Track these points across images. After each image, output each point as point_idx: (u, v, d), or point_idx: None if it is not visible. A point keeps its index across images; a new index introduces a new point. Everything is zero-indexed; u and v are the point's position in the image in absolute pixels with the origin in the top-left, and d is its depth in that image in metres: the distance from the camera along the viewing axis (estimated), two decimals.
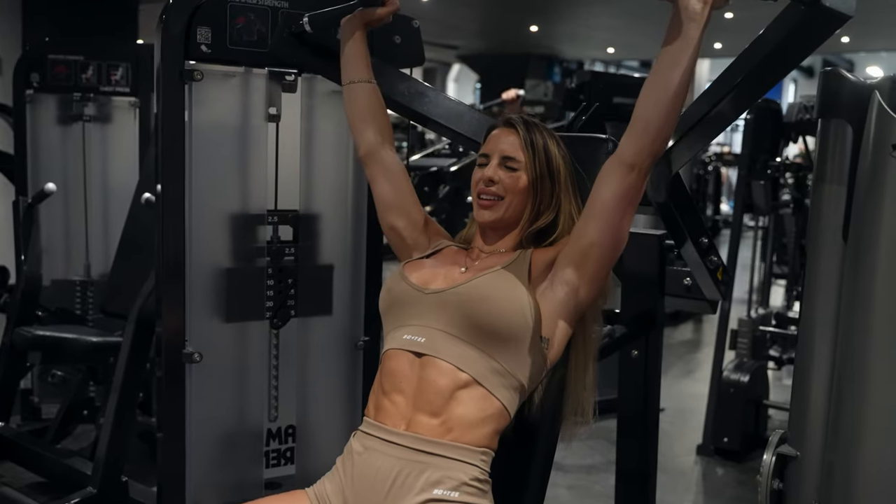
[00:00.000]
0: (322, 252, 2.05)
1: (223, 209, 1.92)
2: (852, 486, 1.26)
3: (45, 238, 3.42)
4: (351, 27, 1.70)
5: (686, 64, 1.32)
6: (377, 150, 1.70)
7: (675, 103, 1.34)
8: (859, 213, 1.24)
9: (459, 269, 1.52)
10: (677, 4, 1.31)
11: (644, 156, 1.37)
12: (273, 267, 1.97)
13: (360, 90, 1.71)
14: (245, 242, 1.95)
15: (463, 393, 1.39)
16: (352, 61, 1.72)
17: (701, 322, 6.85)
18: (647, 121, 1.35)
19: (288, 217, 1.98)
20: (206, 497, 1.95)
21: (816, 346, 1.34)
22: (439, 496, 1.34)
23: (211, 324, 1.91)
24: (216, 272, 1.91)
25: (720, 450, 3.74)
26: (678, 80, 1.32)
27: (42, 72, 3.57)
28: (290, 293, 1.99)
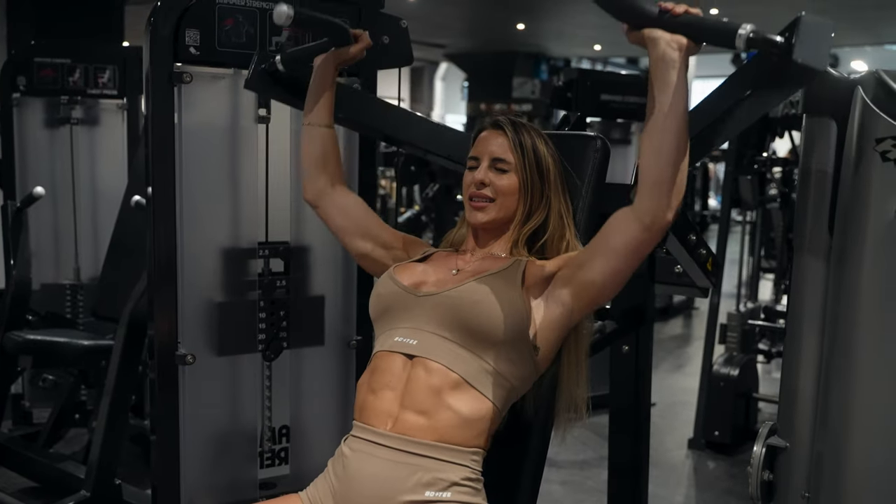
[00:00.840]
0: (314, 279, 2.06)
1: (213, 211, 1.92)
2: (841, 476, 1.28)
3: (35, 242, 3.40)
4: (323, 66, 1.67)
5: (677, 108, 1.28)
6: (326, 194, 1.69)
7: (679, 151, 1.29)
8: (844, 207, 1.25)
9: (451, 272, 1.52)
10: (654, 54, 1.29)
11: (662, 214, 1.31)
12: (265, 300, 1.97)
13: (319, 135, 1.68)
14: (235, 242, 1.95)
15: (454, 394, 1.39)
16: (317, 103, 1.68)
17: (691, 317, 6.89)
18: (656, 177, 1.30)
19: (279, 249, 2.01)
20: (200, 498, 1.95)
21: (804, 338, 1.36)
22: (431, 498, 1.34)
23: (203, 325, 1.91)
24: (207, 273, 1.92)
25: (711, 443, 3.77)
26: (674, 127, 1.28)
27: (28, 75, 3.55)
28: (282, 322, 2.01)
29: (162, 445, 1.89)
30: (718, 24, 1.24)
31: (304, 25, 1.65)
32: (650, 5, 1.28)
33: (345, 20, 1.79)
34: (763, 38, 1.18)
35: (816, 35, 1.17)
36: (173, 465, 1.90)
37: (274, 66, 1.70)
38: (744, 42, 1.18)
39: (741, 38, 1.18)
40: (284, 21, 1.53)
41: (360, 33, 1.67)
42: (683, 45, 1.27)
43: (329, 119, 1.69)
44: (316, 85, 1.68)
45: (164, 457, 1.90)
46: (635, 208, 1.34)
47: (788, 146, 4.93)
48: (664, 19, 1.27)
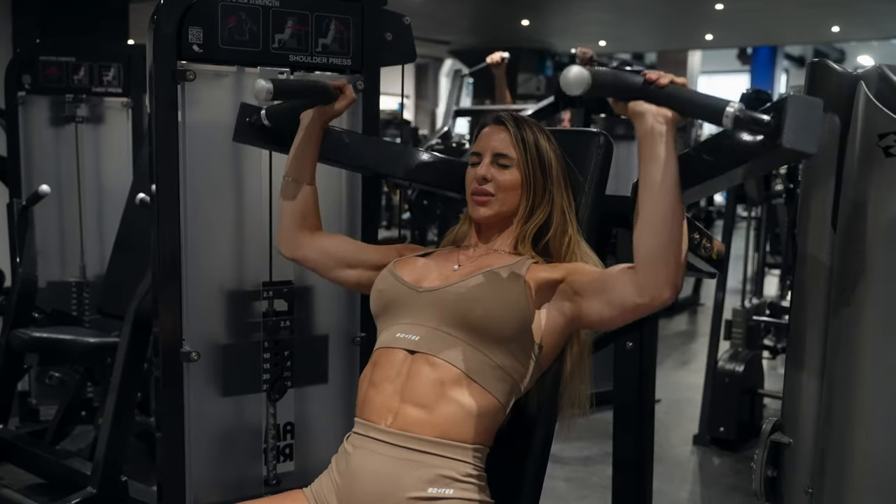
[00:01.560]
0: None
1: (218, 208, 1.93)
2: (845, 473, 1.27)
3: (40, 240, 3.42)
4: (310, 126, 1.67)
5: (667, 182, 1.25)
6: (304, 245, 1.69)
7: (673, 225, 1.26)
8: (847, 203, 1.25)
9: (453, 267, 1.52)
10: (640, 128, 1.26)
11: (659, 292, 1.28)
12: (267, 333, 1.98)
13: (301, 191, 1.68)
14: (240, 237, 1.96)
15: (456, 389, 1.39)
16: (301, 161, 1.68)
17: (696, 313, 6.88)
18: (651, 253, 1.27)
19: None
20: (206, 495, 1.96)
21: (808, 334, 1.35)
22: (434, 494, 1.34)
23: (208, 322, 1.92)
24: (212, 270, 1.92)
25: (716, 439, 3.77)
26: (666, 200, 1.25)
27: (34, 73, 3.57)
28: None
29: (167, 442, 1.90)
30: (705, 99, 1.21)
31: (286, 96, 1.65)
32: (634, 76, 1.26)
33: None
34: (750, 119, 1.15)
35: (805, 116, 1.14)
36: (178, 461, 1.90)
37: (259, 120, 1.70)
38: (731, 121, 1.15)
39: (728, 118, 1.15)
40: (265, 97, 1.55)
41: (342, 85, 1.67)
42: (670, 119, 1.24)
43: (312, 176, 1.69)
44: (301, 141, 1.67)
45: (170, 453, 1.90)
46: (635, 278, 1.31)
47: None
48: (649, 91, 1.25)
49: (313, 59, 1.94)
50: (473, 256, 1.55)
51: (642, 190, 1.28)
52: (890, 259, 1.21)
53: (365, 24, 1.99)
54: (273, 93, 1.55)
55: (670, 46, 15.91)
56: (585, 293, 1.40)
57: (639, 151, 1.28)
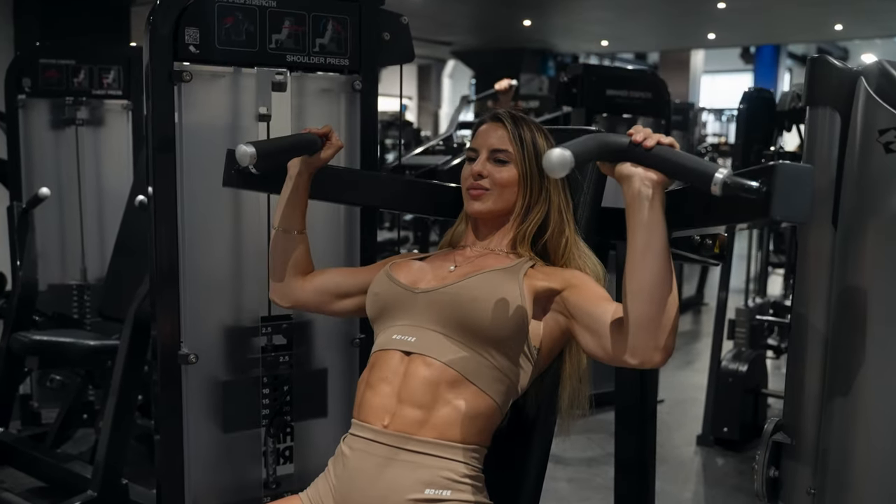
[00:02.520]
0: None
1: (215, 210, 1.92)
2: (847, 473, 1.26)
3: (41, 243, 3.42)
4: (297, 177, 1.65)
5: (656, 246, 1.22)
6: (298, 291, 1.68)
7: (662, 289, 1.22)
8: (848, 200, 1.24)
9: (449, 268, 1.51)
10: (628, 192, 1.24)
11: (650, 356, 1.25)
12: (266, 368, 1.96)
13: (292, 241, 1.67)
14: (237, 240, 1.95)
15: (453, 390, 1.38)
16: (291, 212, 1.67)
17: (700, 312, 6.86)
18: (640, 319, 1.23)
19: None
20: (205, 497, 1.95)
21: (809, 333, 1.34)
22: (431, 496, 1.33)
23: (206, 324, 1.91)
24: (210, 271, 1.92)
25: (720, 440, 3.75)
26: (654, 265, 1.22)
27: (33, 76, 3.58)
28: None
29: (166, 445, 1.89)
30: (694, 164, 1.18)
31: (271, 157, 1.62)
32: (620, 138, 1.23)
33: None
34: (739, 185, 1.11)
35: (795, 185, 1.11)
36: (177, 464, 1.89)
37: (247, 168, 1.65)
38: (719, 188, 1.12)
39: (717, 184, 1.12)
40: (249, 161, 1.54)
41: (328, 132, 1.65)
42: (657, 182, 1.21)
43: (303, 225, 1.68)
44: (290, 194, 1.66)
45: (168, 456, 1.89)
46: (626, 339, 1.26)
47: (797, 140, 4.89)
48: (635, 152, 1.22)
49: (311, 59, 1.93)
50: (471, 257, 1.54)
51: (629, 256, 1.24)
52: (891, 256, 1.20)
53: (363, 24, 1.98)
54: (256, 157, 1.54)
55: (672, 46, 15.90)
56: (579, 320, 1.38)
57: (626, 216, 1.25)
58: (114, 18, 5.81)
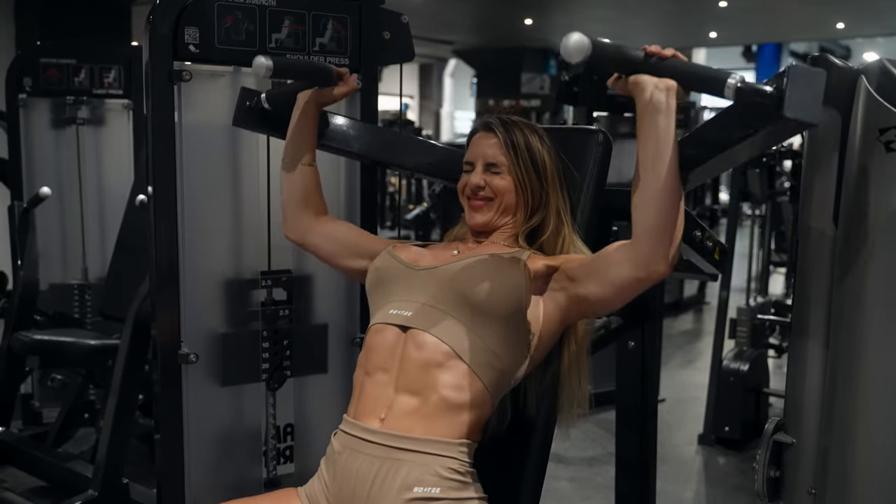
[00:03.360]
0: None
1: (215, 209, 1.92)
2: (847, 473, 1.26)
3: (42, 242, 3.41)
4: (305, 107, 1.66)
5: (667, 154, 1.25)
6: (310, 229, 1.68)
7: (671, 199, 1.26)
8: (848, 199, 1.23)
9: (452, 252, 1.52)
10: (641, 100, 1.26)
11: (656, 265, 1.28)
12: (266, 322, 1.97)
13: (301, 173, 1.68)
14: (238, 241, 1.95)
15: (444, 370, 1.37)
16: (298, 141, 1.68)
17: (701, 311, 6.86)
18: (648, 225, 1.27)
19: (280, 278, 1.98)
20: (205, 497, 1.95)
21: (810, 332, 1.34)
22: (420, 494, 1.32)
23: (206, 325, 1.91)
24: (210, 270, 1.91)
25: (721, 439, 3.75)
26: (665, 174, 1.25)
27: (34, 76, 3.57)
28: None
29: (166, 444, 1.89)
30: (707, 72, 1.21)
31: (285, 74, 1.63)
32: (636, 50, 1.25)
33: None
34: (752, 90, 1.15)
35: (807, 86, 1.13)
36: (178, 463, 1.89)
37: (259, 104, 1.69)
38: (732, 92, 1.15)
39: (730, 89, 1.15)
40: (264, 73, 1.54)
41: (345, 73, 1.66)
42: (672, 88, 1.24)
43: (312, 157, 1.69)
44: (298, 121, 1.67)
45: (169, 456, 1.89)
46: (631, 252, 1.31)
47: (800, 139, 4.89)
48: (651, 63, 1.24)
49: (310, 58, 1.93)
50: (473, 246, 1.55)
51: (641, 163, 1.28)
52: (892, 255, 1.20)
53: (362, 23, 1.98)
54: (273, 70, 1.53)
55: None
56: (581, 278, 1.40)
57: (638, 127, 1.27)
58: (115, 18, 5.80)
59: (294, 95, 1.69)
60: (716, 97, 1.20)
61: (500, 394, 1.45)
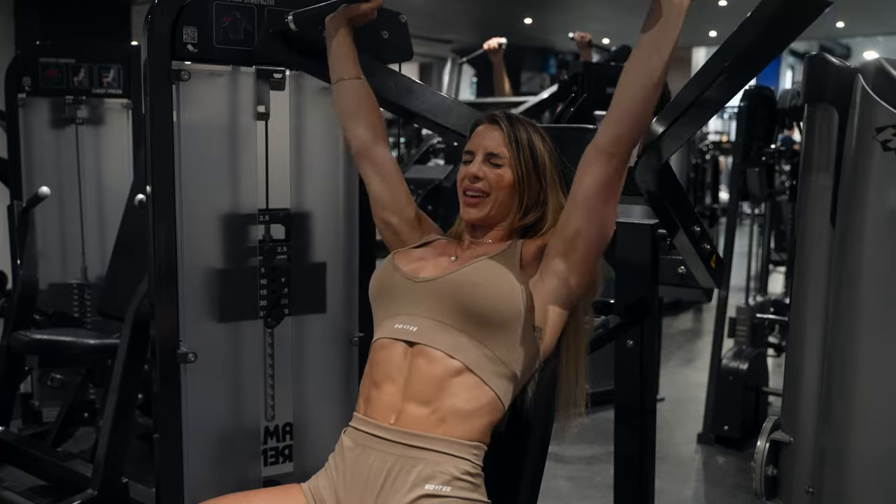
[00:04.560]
0: (315, 250, 2.05)
1: (214, 209, 1.92)
2: (845, 471, 1.26)
3: (41, 242, 3.42)
4: (335, 24, 1.69)
5: (667, 51, 1.31)
6: (369, 147, 1.69)
7: (655, 92, 1.34)
8: (846, 198, 1.24)
9: (449, 258, 1.52)
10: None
11: (622, 144, 1.37)
12: (266, 266, 1.97)
13: (349, 87, 1.70)
14: (236, 242, 1.95)
15: (455, 381, 1.38)
16: (339, 59, 1.71)
17: (700, 311, 6.85)
18: (626, 109, 1.35)
19: (279, 216, 1.98)
20: (204, 496, 1.95)
21: (807, 332, 1.34)
22: (431, 491, 1.33)
23: (205, 324, 1.91)
24: (209, 272, 1.91)
25: (721, 438, 3.75)
26: (660, 68, 1.32)
27: (33, 75, 3.57)
28: (283, 291, 1.99)
29: (165, 444, 1.89)
30: None
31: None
32: None
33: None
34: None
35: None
36: (176, 463, 1.90)
37: (286, 26, 1.71)
38: None
39: None
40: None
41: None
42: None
43: (356, 69, 1.71)
44: (333, 43, 1.70)
45: (168, 455, 1.89)
46: (597, 141, 1.38)
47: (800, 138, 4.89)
48: None
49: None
50: (468, 248, 1.56)
51: (638, 48, 1.33)
52: (889, 253, 1.20)
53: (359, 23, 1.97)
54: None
55: None
56: (567, 215, 1.43)
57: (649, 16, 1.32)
58: (114, 17, 5.81)
59: (320, 16, 1.70)
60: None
61: (512, 397, 1.46)
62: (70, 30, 5.38)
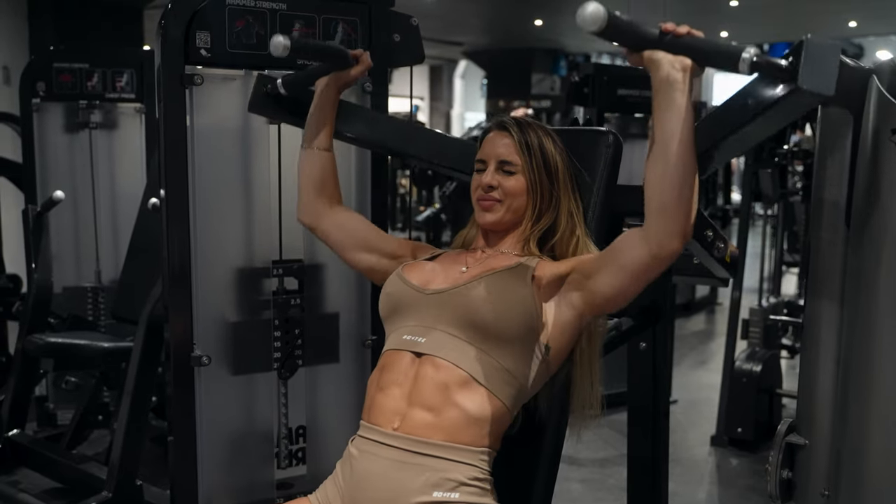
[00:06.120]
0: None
1: (227, 212, 1.93)
2: (861, 474, 1.25)
3: (56, 246, 3.44)
4: (325, 92, 1.68)
5: (682, 133, 1.24)
6: (324, 214, 1.70)
7: (685, 176, 1.25)
8: (861, 200, 1.23)
9: (460, 269, 1.51)
10: (656, 77, 1.25)
11: (668, 241, 1.27)
12: (278, 311, 1.98)
13: (319, 158, 1.69)
14: (251, 247, 1.96)
15: (462, 391, 1.38)
16: (318, 127, 1.69)
17: (713, 312, 6.83)
18: (661, 203, 1.26)
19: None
20: (218, 498, 1.96)
21: (822, 333, 1.33)
22: (439, 499, 1.32)
23: (218, 325, 1.92)
24: (222, 273, 1.92)
25: (734, 440, 3.73)
26: (680, 151, 1.24)
27: (48, 80, 3.59)
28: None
29: (179, 446, 1.90)
30: (722, 47, 1.20)
31: (302, 54, 1.65)
32: (651, 28, 1.25)
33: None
34: (767, 63, 1.13)
35: (823, 59, 1.12)
36: (190, 465, 1.90)
37: (276, 89, 1.71)
38: (747, 66, 1.14)
39: (745, 63, 1.14)
40: (282, 52, 1.54)
41: (360, 54, 1.68)
42: (688, 66, 1.23)
43: (329, 143, 1.70)
44: (317, 109, 1.69)
45: (182, 457, 1.90)
46: (644, 233, 1.30)
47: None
48: (666, 41, 1.23)
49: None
50: (481, 259, 1.54)
51: (655, 141, 1.26)
52: None
53: (372, 26, 1.98)
54: (290, 48, 1.54)
55: None
56: (595, 271, 1.39)
57: (653, 102, 1.27)
58: (127, 22, 5.83)
59: (309, 79, 1.70)
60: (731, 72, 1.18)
61: (519, 405, 1.45)
62: (83, 35, 5.41)
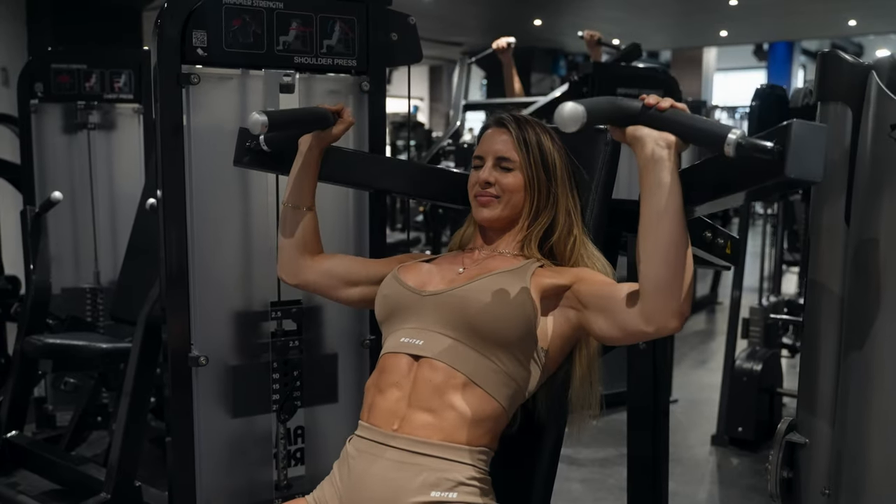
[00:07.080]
0: None
1: (224, 211, 1.92)
2: (861, 473, 1.25)
3: (54, 246, 3.44)
4: (308, 152, 1.66)
5: (671, 209, 1.21)
6: (306, 268, 1.68)
7: (678, 253, 1.21)
8: (860, 196, 1.22)
9: (457, 270, 1.50)
10: (641, 155, 1.22)
11: (665, 321, 1.24)
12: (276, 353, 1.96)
13: (301, 218, 1.67)
14: (250, 247, 1.95)
15: (460, 393, 1.38)
16: (301, 185, 1.67)
17: (714, 311, 6.82)
18: (656, 283, 1.22)
19: None
20: (216, 499, 1.95)
21: (822, 331, 1.33)
22: (437, 498, 1.32)
23: (216, 325, 1.91)
24: (219, 273, 1.92)
25: (735, 439, 3.72)
26: (671, 228, 1.21)
27: (46, 81, 3.59)
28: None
29: (177, 447, 1.89)
30: (707, 125, 1.17)
31: (282, 127, 1.62)
32: (632, 101, 1.22)
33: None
34: (752, 146, 1.10)
35: (809, 144, 1.09)
36: (189, 466, 1.90)
37: (258, 145, 1.68)
38: (733, 148, 1.10)
39: (730, 145, 1.10)
40: (260, 129, 1.53)
41: (340, 109, 1.66)
42: (672, 143, 1.20)
43: (312, 201, 1.68)
44: (300, 169, 1.66)
45: (180, 458, 1.90)
46: (642, 307, 1.26)
47: None
48: (649, 115, 1.21)
49: (318, 60, 1.93)
50: (478, 259, 1.53)
51: (644, 219, 1.23)
52: None
53: (370, 25, 1.98)
54: (268, 125, 1.53)
55: (685, 44, 15.80)
56: (590, 307, 1.37)
57: (640, 181, 1.23)
58: (125, 23, 5.83)
59: (291, 139, 1.67)
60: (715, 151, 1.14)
61: (517, 405, 1.45)
62: (81, 35, 5.40)
